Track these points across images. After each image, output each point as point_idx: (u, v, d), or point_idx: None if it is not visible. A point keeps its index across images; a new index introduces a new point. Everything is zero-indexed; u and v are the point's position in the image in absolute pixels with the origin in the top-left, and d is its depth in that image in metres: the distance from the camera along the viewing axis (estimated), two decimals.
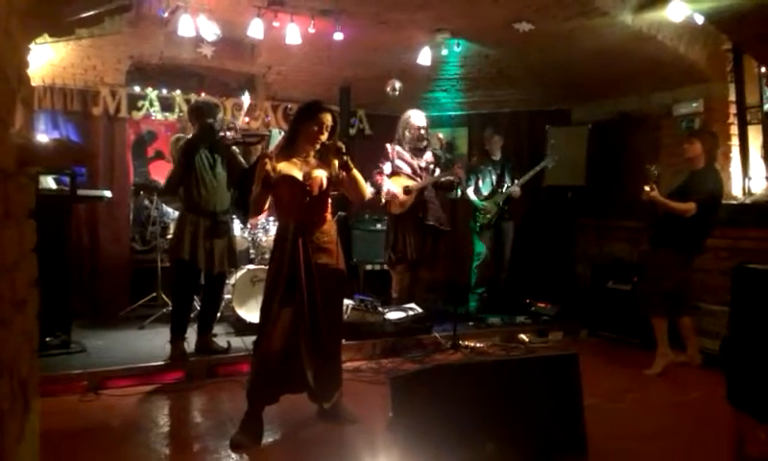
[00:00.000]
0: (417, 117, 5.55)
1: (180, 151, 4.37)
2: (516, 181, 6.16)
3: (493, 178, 6.26)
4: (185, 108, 6.05)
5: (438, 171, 5.54)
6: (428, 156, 5.58)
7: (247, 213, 5.46)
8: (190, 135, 4.47)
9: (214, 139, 4.45)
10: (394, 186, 5.44)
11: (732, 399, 2.81)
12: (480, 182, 6.25)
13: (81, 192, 4.82)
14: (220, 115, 4.70)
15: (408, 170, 5.52)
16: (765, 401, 2.58)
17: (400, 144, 5.57)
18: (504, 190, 6.18)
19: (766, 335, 2.57)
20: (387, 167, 5.51)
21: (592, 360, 4.57)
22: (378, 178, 5.47)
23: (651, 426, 3.58)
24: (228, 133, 4.53)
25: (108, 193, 5.19)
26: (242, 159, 4.70)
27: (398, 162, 5.53)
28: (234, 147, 4.63)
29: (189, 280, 4.49)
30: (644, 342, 5.10)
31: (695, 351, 4.68)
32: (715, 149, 4.57)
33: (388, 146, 5.60)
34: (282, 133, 4.70)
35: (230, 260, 4.63)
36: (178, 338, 4.40)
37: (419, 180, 5.51)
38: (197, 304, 4.93)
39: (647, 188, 4.42)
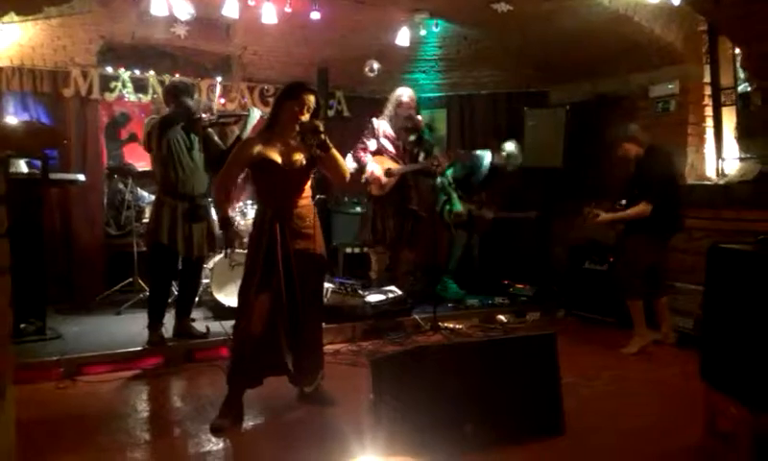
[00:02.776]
0: (408, 96, 5.45)
1: (155, 127, 4.27)
2: (491, 214, 6.20)
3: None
4: (159, 89, 5.94)
5: (421, 154, 5.50)
6: (413, 137, 5.50)
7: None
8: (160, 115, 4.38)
9: (191, 120, 4.37)
10: (377, 168, 5.40)
11: (705, 375, 2.88)
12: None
13: (53, 176, 4.73)
14: (197, 96, 4.62)
15: (392, 150, 5.47)
16: (737, 378, 2.64)
17: (389, 121, 5.49)
18: (479, 209, 6.16)
19: (739, 314, 2.63)
20: (372, 144, 5.44)
21: (569, 340, 4.63)
22: (362, 154, 5.41)
23: (627, 403, 3.64)
24: (204, 115, 4.46)
25: (80, 177, 5.08)
26: (219, 141, 4.64)
27: (383, 140, 5.46)
28: (210, 128, 4.56)
29: (167, 265, 4.43)
30: (620, 321, 5.18)
31: (669, 329, 4.77)
32: (640, 135, 4.67)
33: (374, 121, 5.50)
34: (261, 114, 4.65)
35: (210, 245, 4.59)
36: (155, 323, 4.36)
37: (401, 162, 5.47)
38: (174, 289, 4.87)
39: (589, 219, 4.66)
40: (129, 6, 5.33)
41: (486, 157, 6.21)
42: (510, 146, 6.25)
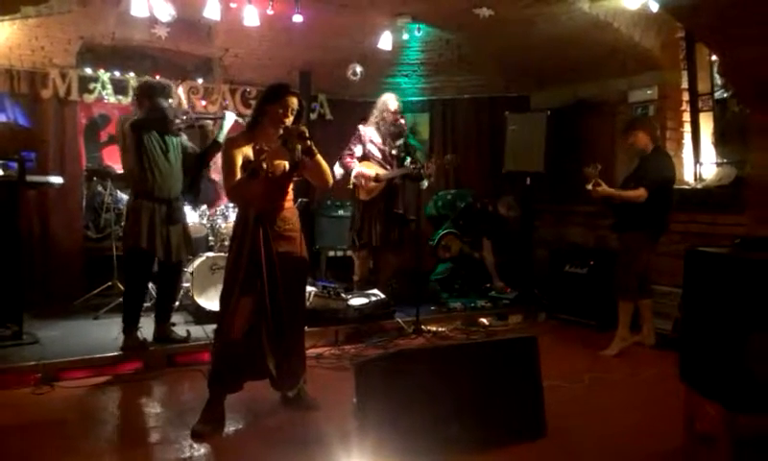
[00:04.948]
0: (393, 102, 5.47)
1: (129, 128, 4.18)
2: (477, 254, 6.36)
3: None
4: None
5: (408, 160, 5.52)
6: (399, 142, 5.51)
7: (197, 199, 5.35)
8: (134, 117, 4.28)
9: (166, 122, 4.30)
10: (366, 170, 5.41)
11: (684, 377, 2.91)
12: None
13: (30, 178, 4.63)
14: (171, 100, 4.55)
15: (379, 156, 5.48)
16: (715, 379, 2.67)
17: (377, 128, 5.50)
18: (469, 248, 6.33)
19: (717, 316, 2.66)
20: (358, 150, 5.45)
21: (551, 342, 4.67)
22: (349, 160, 5.42)
23: (607, 406, 3.68)
24: (179, 118, 4.39)
25: (58, 179, 5.00)
26: (191, 144, 4.58)
27: (370, 146, 5.47)
28: (182, 131, 4.49)
29: (144, 269, 4.37)
30: (600, 324, 5.24)
31: (651, 331, 4.83)
32: (655, 131, 4.74)
33: (360, 128, 5.52)
34: (236, 117, 4.61)
35: (188, 248, 4.55)
36: (131, 327, 4.29)
37: (388, 167, 5.48)
38: (153, 292, 4.81)
39: (589, 187, 4.57)
40: (109, 7, 5.27)
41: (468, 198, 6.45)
42: (510, 199, 6.38)
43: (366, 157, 5.47)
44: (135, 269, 4.34)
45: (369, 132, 5.50)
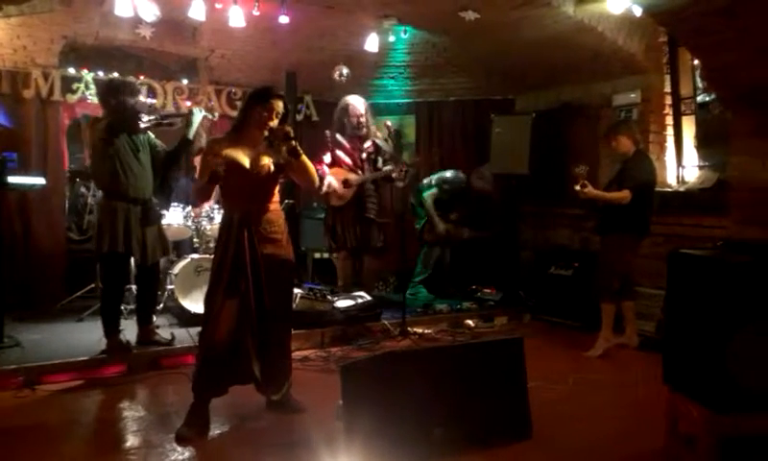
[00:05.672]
0: (355, 104, 5.44)
1: (101, 133, 4.10)
2: (467, 232, 6.31)
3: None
4: None
5: (380, 160, 5.50)
6: (368, 144, 5.49)
7: (169, 199, 5.30)
8: (103, 117, 4.21)
9: (135, 121, 4.22)
10: (334, 180, 5.37)
11: (667, 379, 2.94)
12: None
13: (11, 179, 4.59)
14: (137, 98, 4.42)
15: (348, 161, 5.44)
16: (698, 381, 2.70)
17: (340, 133, 5.47)
18: (456, 228, 6.27)
19: (699, 317, 2.69)
20: (327, 157, 5.43)
21: (536, 343, 4.68)
22: (319, 167, 5.38)
23: (592, 407, 3.70)
24: (149, 116, 4.32)
25: (41, 180, 4.94)
26: (161, 142, 4.52)
27: (338, 152, 5.44)
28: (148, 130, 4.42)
29: (121, 271, 4.32)
30: (585, 325, 5.28)
31: (634, 333, 4.88)
32: (637, 134, 4.80)
33: (327, 133, 5.50)
34: (204, 113, 4.58)
35: (164, 249, 4.49)
36: (112, 331, 4.23)
37: (359, 172, 5.45)
38: (134, 291, 4.76)
39: (578, 188, 4.60)
40: (92, 6, 5.23)
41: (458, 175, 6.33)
42: (482, 170, 6.35)
43: (335, 163, 5.45)
44: (113, 272, 4.27)
45: (336, 138, 5.46)
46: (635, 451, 3.09)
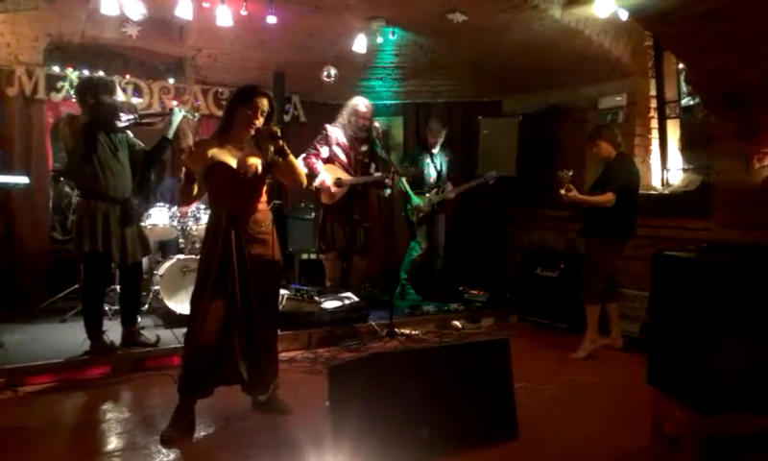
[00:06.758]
0: (366, 107, 5.46)
1: (79, 131, 4.05)
2: (450, 187, 6.26)
3: (431, 172, 6.31)
4: None
5: (373, 165, 5.51)
6: (365, 147, 5.50)
7: (148, 198, 5.25)
8: (82, 115, 4.15)
9: (113, 120, 4.17)
10: (328, 178, 5.37)
11: (651, 380, 2.97)
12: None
13: None
14: (115, 96, 4.36)
15: (344, 159, 5.46)
16: (682, 381, 2.73)
17: (343, 130, 5.47)
18: (441, 192, 6.25)
19: (684, 319, 2.72)
20: (324, 151, 5.42)
21: (522, 345, 4.71)
22: (313, 160, 5.36)
23: (577, 408, 3.72)
24: (128, 115, 4.27)
25: (24, 179, 4.88)
26: (139, 142, 4.48)
27: (336, 148, 5.45)
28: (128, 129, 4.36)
29: (101, 272, 4.27)
30: (571, 326, 5.31)
31: (618, 334, 4.92)
32: (617, 138, 4.82)
33: (328, 127, 5.48)
34: (184, 113, 4.54)
35: (144, 249, 4.45)
36: (95, 332, 4.19)
37: (352, 171, 5.46)
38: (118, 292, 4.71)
39: (563, 192, 4.64)
40: (78, 4, 5.18)
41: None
42: (431, 122, 6.40)
43: (331, 159, 5.44)
44: (93, 273, 4.22)
45: (336, 133, 5.47)
46: (620, 452, 3.11)
